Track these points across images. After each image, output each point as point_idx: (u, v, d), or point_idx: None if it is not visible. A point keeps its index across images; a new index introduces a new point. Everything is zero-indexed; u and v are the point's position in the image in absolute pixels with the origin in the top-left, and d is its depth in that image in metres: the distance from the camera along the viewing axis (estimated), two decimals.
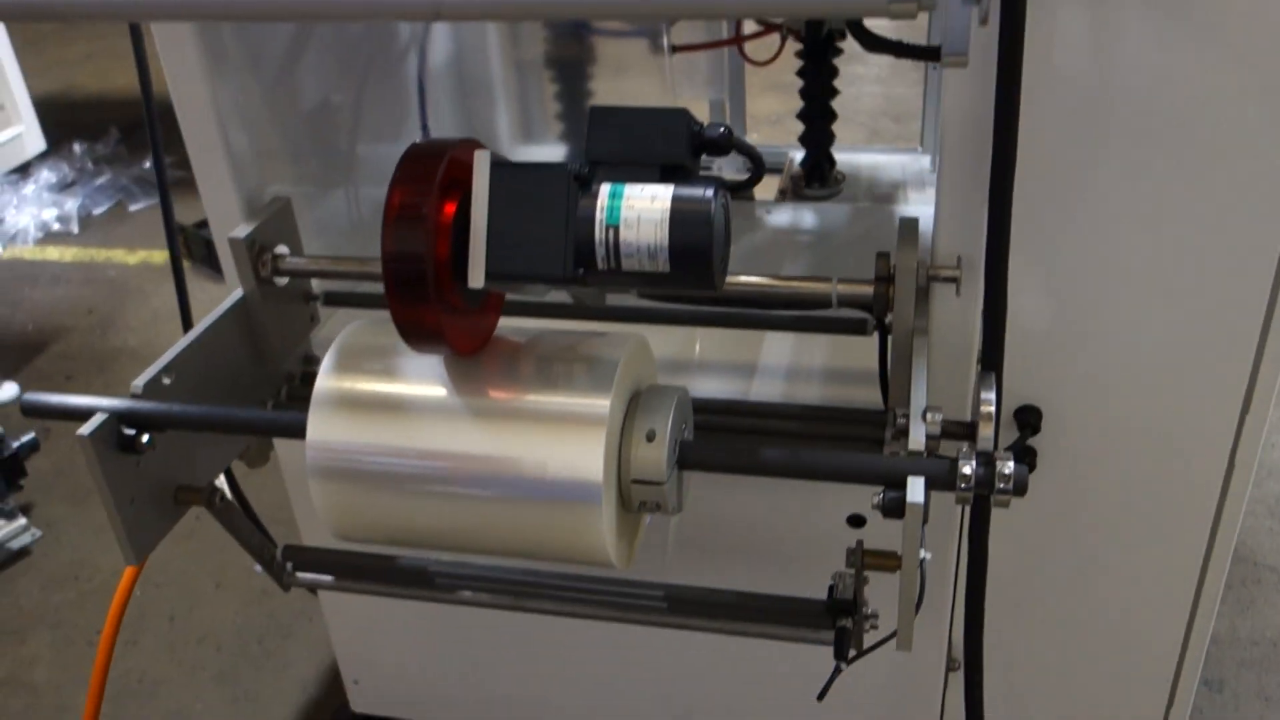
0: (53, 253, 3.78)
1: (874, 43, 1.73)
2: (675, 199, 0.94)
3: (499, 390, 1.04)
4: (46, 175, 4.05)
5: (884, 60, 1.88)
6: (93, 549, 2.47)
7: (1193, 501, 1.41)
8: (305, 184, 1.59)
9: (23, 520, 2.50)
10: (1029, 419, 1.35)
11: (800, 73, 1.90)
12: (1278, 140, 1.15)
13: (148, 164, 4.16)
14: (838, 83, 1.91)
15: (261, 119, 1.52)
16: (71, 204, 3.93)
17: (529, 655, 1.79)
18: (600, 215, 0.95)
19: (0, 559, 2.45)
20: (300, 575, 1.41)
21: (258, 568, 2.39)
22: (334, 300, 1.51)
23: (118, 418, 1.18)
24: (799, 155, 2.04)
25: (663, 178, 0.96)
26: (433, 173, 0.96)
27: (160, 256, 3.67)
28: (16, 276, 3.64)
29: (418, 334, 1.00)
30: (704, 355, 1.59)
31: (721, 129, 0.97)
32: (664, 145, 0.96)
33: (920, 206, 1.87)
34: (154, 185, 4.09)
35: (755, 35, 1.83)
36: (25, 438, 2.69)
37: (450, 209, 0.98)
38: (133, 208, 4.00)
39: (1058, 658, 1.59)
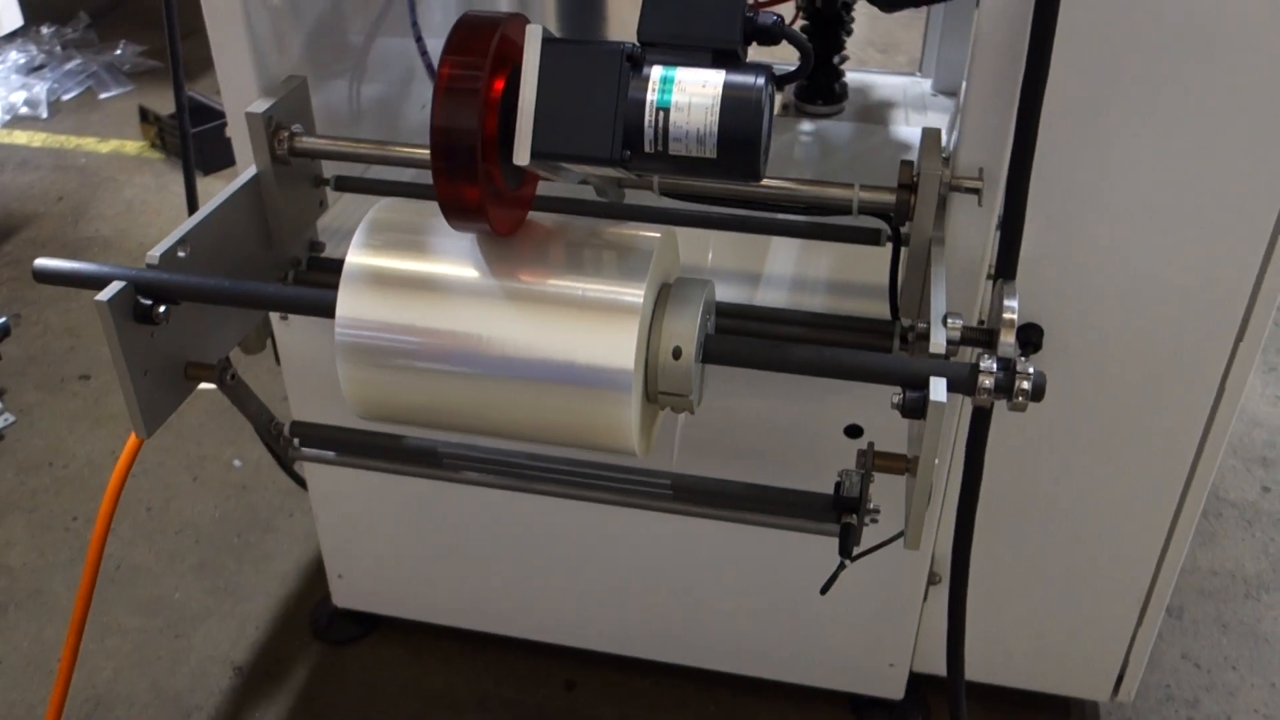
0: (20, 137, 3.67)
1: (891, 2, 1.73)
2: (727, 85, 0.94)
3: (533, 274, 1.05)
4: (15, 57, 3.92)
5: None
6: (66, 436, 2.45)
7: (1180, 428, 1.45)
8: (309, 70, 1.55)
9: None
10: (1031, 337, 1.38)
11: None
12: None
13: (119, 50, 4.04)
14: None
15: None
16: (40, 87, 3.81)
17: (515, 557, 1.81)
18: (651, 97, 0.95)
19: None
20: (305, 450, 1.42)
21: (237, 462, 2.40)
22: (344, 185, 1.49)
23: (135, 287, 1.17)
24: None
25: (714, 63, 0.95)
26: (485, 45, 0.95)
27: (132, 146, 3.58)
28: None
29: (460, 210, 1.00)
30: (713, 262, 1.59)
31: (775, 17, 0.97)
32: (717, 29, 0.95)
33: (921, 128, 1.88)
34: (124, 73, 4.00)
35: None
36: None
37: (499, 85, 0.97)
38: (103, 95, 3.90)
39: (1034, 574, 1.64)
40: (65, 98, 3.87)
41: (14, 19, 2.79)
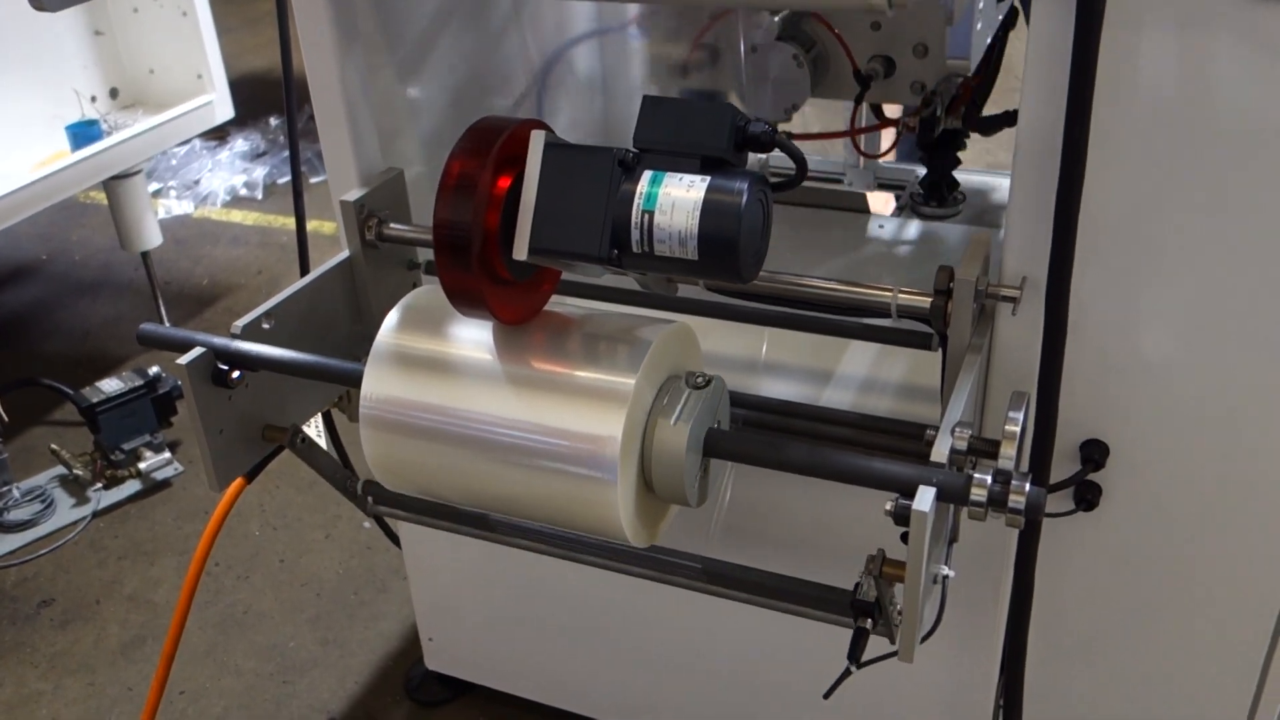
0: (236, 215, 4.07)
1: (989, 124, 1.74)
2: (710, 189, 0.98)
3: (537, 360, 1.10)
4: (240, 144, 4.37)
5: None
6: None
7: (1266, 560, 1.35)
8: (427, 164, 1.68)
9: (168, 455, 2.71)
10: (1093, 454, 1.32)
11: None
12: None
13: None
14: None
15: (391, 97, 1.63)
16: (259, 172, 4.22)
17: (603, 640, 1.82)
18: (638, 200, 0.99)
19: (145, 487, 2.66)
20: (379, 507, 1.50)
21: (367, 524, 2.53)
22: (434, 270, 1.59)
23: (214, 353, 1.29)
24: (922, 172, 2.02)
25: (703, 169, 0.99)
26: (490, 146, 1.02)
27: (329, 228, 3.89)
28: (202, 235, 3.94)
29: (461, 298, 1.07)
30: (783, 358, 1.60)
31: (765, 126, 1.00)
32: (707, 137, 0.99)
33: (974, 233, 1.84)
34: None
35: (870, 129, 1.87)
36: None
37: (505, 183, 1.04)
38: (314, 180, 4.26)
39: (1116, 710, 1.54)
40: (280, 181, 4.26)
41: (226, 111, 3.12)
